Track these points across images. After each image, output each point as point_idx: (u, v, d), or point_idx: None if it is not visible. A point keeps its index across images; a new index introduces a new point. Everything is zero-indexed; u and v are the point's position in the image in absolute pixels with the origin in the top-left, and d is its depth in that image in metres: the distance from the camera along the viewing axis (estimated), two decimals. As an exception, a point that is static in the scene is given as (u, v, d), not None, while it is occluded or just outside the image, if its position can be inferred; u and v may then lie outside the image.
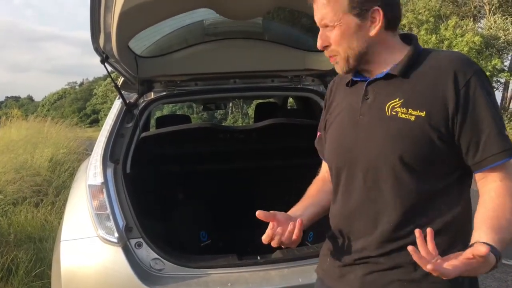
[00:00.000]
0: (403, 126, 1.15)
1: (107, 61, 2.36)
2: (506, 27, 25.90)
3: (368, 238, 1.23)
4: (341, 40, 1.19)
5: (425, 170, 1.17)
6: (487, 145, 1.12)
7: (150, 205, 2.78)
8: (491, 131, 1.12)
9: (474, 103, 1.12)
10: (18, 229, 4.20)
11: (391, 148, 1.17)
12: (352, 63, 1.22)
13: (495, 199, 1.13)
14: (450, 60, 1.17)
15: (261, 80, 3.16)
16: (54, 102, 70.06)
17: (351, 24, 1.18)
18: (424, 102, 1.15)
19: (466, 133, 1.13)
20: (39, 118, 11.09)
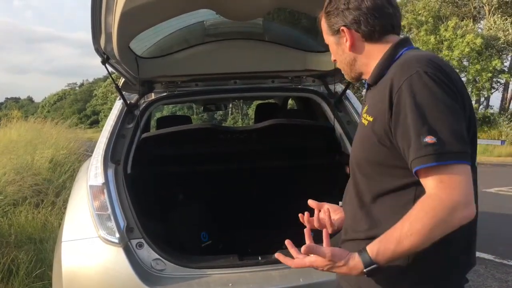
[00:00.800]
0: (362, 131, 1.30)
1: (108, 62, 2.36)
2: (506, 27, 25.94)
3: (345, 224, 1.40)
4: (334, 55, 1.41)
5: (374, 171, 1.25)
6: (410, 151, 1.12)
7: (151, 206, 2.78)
8: (415, 137, 1.10)
9: (402, 110, 1.13)
10: (19, 230, 4.20)
11: (356, 149, 1.33)
12: (349, 74, 1.41)
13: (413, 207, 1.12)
14: (396, 65, 1.22)
15: (262, 80, 3.17)
16: (54, 103, 70.11)
17: (333, 43, 1.38)
18: (375, 109, 1.23)
19: (399, 139, 1.15)
20: (39, 119, 11.07)
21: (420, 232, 1.06)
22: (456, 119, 1.12)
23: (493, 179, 11.93)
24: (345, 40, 1.32)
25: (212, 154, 3.29)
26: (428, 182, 1.10)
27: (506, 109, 29.07)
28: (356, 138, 1.36)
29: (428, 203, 1.08)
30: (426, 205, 1.08)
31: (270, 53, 3.00)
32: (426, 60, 1.17)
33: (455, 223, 1.07)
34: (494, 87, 29.32)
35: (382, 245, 1.11)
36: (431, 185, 1.09)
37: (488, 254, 4.82)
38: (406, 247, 1.08)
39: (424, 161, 1.08)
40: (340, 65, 1.40)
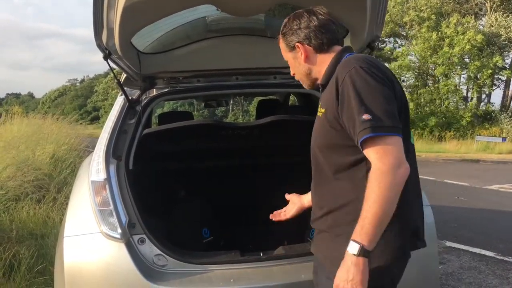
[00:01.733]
0: (318, 122, 1.61)
1: (110, 57, 2.36)
2: (508, 24, 25.85)
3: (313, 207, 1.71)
4: (293, 69, 1.73)
5: (330, 152, 1.54)
6: (354, 128, 1.40)
7: (152, 202, 2.78)
8: (357, 115, 1.39)
9: (347, 97, 1.43)
10: (20, 225, 4.21)
11: (313, 138, 1.63)
12: (306, 82, 1.72)
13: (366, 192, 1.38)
14: (340, 66, 1.53)
15: (264, 76, 3.16)
16: (55, 99, 70.11)
17: (291, 58, 1.70)
18: (326, 102, 1.55)
19: (345, 122, 1.44)
20: (40, 115, 11.06)
21: (378, 201, 1.33)
22: (387, 101, 1.42)
23: (494, 176, 11.93)
24: (300, 54, 1.64)
25: (213, 150, 3.29)
26: (369, 153, 1.39)
27: (507, 106, 29.01)
28: (314, 129, 1.64)
29: (374, 176, 1.36)
30: (373, 179, 1.36)
31: (272, 49, 2.96)
32: (361, 58, 1.50)
33: (398, 180, 1.35)
34: (495, 84, 29.26)
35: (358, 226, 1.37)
36: (371, 156, 1.39)
37: (489, 251, 4.83)
38: (376, 219, 1.34)
39: (362, 134, 1.37)
40: (298, 76, 1.72)
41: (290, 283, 2.15)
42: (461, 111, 26.28)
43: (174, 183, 3.43)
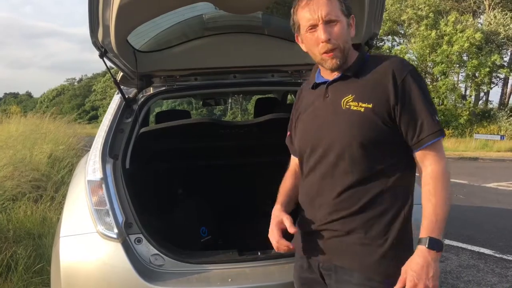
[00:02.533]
0: (356, 116, 1.45)
1: (106, 55, 2.34)
2: (506, 22, 25.87)
3: (326, 209, 1.52)
4: (341, 33, 1.47)
5: (374, 151, 1.45)
6: (423, 128, 1.42)
7: (149, 201, 2.76)
8: (426, 117, 1.41)
9: (410, 95, 1.42)
10: (17, 225, 4.19)
11: (346, 133, 1.46)
12: (344, 57, 1.49)
13: (424, 188, 1.42)
14: (390, 62, 1.47)
15: (261, 74, 3.14)
16: (53, 99, 70.02)
17: (345, 23, 1.48)
18: (371, 96, 1.45)
19: (405, 119, 1.42)
20: (38, 114, 11.03)
21: (447, 199, 1.40)
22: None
23: (492, 174, 11.94)
24: (351, 26, 1.51)
25: (211, 148, 3.27)
26: (428, 154, 1.43)
27: (505, 104, 29.05)
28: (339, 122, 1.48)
29: (435, 177, 1.41)
30: (435, 179, 1.41)
31: (270, 47, 2.97)
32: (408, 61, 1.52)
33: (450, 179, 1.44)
34: (494, 82, 29.31)
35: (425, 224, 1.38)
36: (431, 158, 1.43)
37: (488, 249, 4.82)
38: (446, 216, 1.39)
39: (435, 136, 1.41)
40: (344, 45, 1.48)
41: (288, 282, 2.13)
42: (459, 109, 26.32)
43: (172, 182, 3.41)
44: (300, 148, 1.63)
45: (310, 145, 1.57)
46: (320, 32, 1.44)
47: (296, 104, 1.74)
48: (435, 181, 1.40)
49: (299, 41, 1.59)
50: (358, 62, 1.52)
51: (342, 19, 1.46)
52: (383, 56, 1.55)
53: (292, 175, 1.79)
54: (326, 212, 1.52)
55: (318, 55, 1.50)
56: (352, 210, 1.47)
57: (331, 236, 1.52)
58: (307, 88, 1.69)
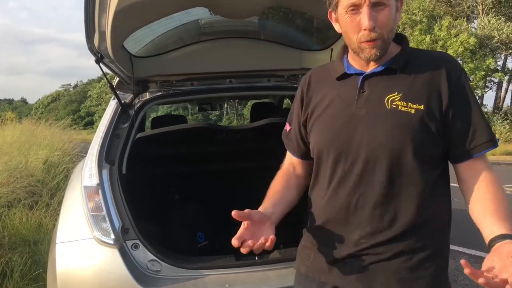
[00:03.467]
0: (405, 118, 1.21)
1: (102, 61, 2.34)
2: (500, 27, 26.08)
3: (366, 228, 1.26)
4: (388, 21, 1.20)
5: (425, 159, 1.24)
6: (477, 135, 1.23)
7: (146, 206, 2.75)
8: (480, 123, 1.24)
9: (464, 98, 1.24)
10: (13, 232, 4.16)
11: (394, 138, 1.21)
12: (387, 47, 1.24)
13: (488, 190, 1.21)
14: (443, 60, 1.27)
15: (257, 79, 3.15)
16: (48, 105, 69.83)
17: (394, 7, 1.22)
18: (422, 97, 1.22)
19: (458, 124, 1.23)
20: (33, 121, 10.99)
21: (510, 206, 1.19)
22: None
23: (488, 177, 11.96)
24: (398, 11, 1.24)
25: (208, 153, 3.26)
26: (480, 163, 1.25)
27: (500, 108, 29.22)
28: (388, 126, 1.22)
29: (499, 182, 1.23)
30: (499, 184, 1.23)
31: (266, 51, 2.98)
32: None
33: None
34: (488, 86, 29.48)
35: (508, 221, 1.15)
36: (484, 166, 1.25)
37: (485, 253, 4.77)
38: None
39: (490, 145, 1.24)
40: (388, 35, 1.22)
41: (286, 287, 2.13)
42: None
43: (168, 187, 3.40)
44: (319, 150, 1.34)
45: (337, 149, 1.28)
46: (364, 17, 1.17)
47: (304, 95, 1.43)
48: (500, 186, 1.23)
49: (332, 19, 1.31)
50: (404, 54, 1.28)
51: (392, 2, 1.20)
52: (429, 51, 1.38)
53: (285, 176, 1.53)
54: (365, 233, 1.26)
55: (355, 42, 1.22)
56: (398, 230, 1.24)
57: (371, 261, 1.26)
58: (323, 78, 1.40)
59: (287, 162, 1.59)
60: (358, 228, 1.27)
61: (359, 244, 1.27)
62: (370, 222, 1.25)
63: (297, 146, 1.50)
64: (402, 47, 1.29)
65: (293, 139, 1.51)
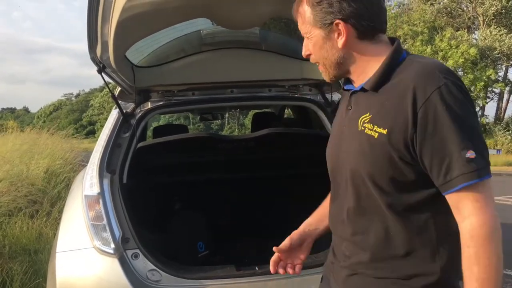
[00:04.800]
0: (367, 143, 1.15)
1: (104, 71, 2.35)
2: (502, 38, 26.19)
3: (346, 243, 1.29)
4: (315, 50, 1.24)
5: (391, 188, 1.15)
6: (451, 167, 1.05)
7: (147, 216, 2.75)
8: (456, 152, 1.04)
9: (435, 123, 1.05)
10: (13, 241, 4.15)
11: (359, 163, 1.18)
12: (332, 72, 1.25)
13: (464, 251, 1.08)
14: (415, 74, 1.10)
15: (259, 89, 3.16)
16: (50, 114, 70.02)
17: (319, 37, 1.21)
18: (388, 119, 1.11)
19: (427, 155, 1.07)
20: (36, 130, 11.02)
21: (494, 267, 1.04)
22: (479, 131, 1.09)
23: (489, 188, 11.92)
24: (338, 35, 1.18)
25: (209, 163, 3.27)
26: (464, 203, 1.07)
27: (501, 118, 29.23)
28: (357, 150, 1.18)
29: (479, 236, 1.05)
30: (478, 241, 1.05)
31: (267, 62, 3.00)
32: (447, 69, 1.11)
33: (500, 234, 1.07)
34: (489, 97, 29.53)
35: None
36: (468, 209, 1.06)
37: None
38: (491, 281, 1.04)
39: (466, 179, 1.04)
40: (324, 61, 1.23)
41: (287, 298, 2.13)
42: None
43: (169, 197, 3.40)
44: (327, 165, 1.37)
45: (331, 166, 1.33)
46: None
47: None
48: (477, 242, 1.04)
49: None
50: (380, 71, 1.17)
51: (314, 33, 1.20)
52: (415, 62, 1.15)
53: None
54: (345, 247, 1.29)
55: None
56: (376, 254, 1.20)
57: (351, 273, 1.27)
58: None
59: None
60: (344, 241, 1.30)
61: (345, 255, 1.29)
62: (347, 237, 1.27)
63: None
64: (383, 62, 1.17)
65: None
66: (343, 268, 1.30)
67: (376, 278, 1.20)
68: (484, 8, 27.46)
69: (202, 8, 2.22)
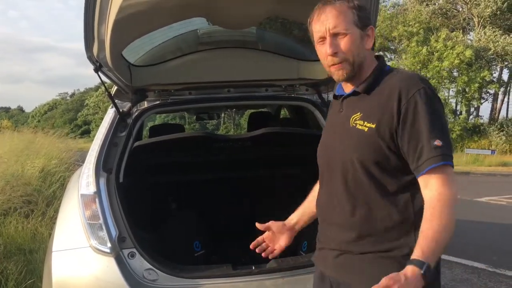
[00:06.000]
0: (359, 136, 1.40)
1: (101, 70, 2.35)
2: (496, 39, 26.32)
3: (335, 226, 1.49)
4: (351, 46, 1.41)
5: (378, 172, 1.39)
6: (423, 152, 1.32)
7: (143, 215, 2.75)
8: (426, 140, 1.32)
9: (414, 117, 1.33)
10: (8, 240, 4.13)
11: (352, 153, 1.42)
12: (351, 69, 1.44)
13: (427, 210, 1.30)
14: (400, 80, 1.40)
15: (255, 89, 3.16)
16: (45, 113, 69.72)
17: (357, 35, 1.42)
18: (376, 116, 1.38)
19: (405, 143, 1.34)
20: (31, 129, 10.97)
21: (447, 224, 1.27)
22: (447, 129, 1.38)
23: (483, 188, 12.01)
24: (367, 38, 1.44)
25: (205, 162, 3.27)
26: (432, 180, 1.31)
27: (495, 119, 29.38)
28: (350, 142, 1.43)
29: (442, 200, 1.29)
30: (441, 203, 1.29)
31: (264, 61, 3.00)
32: (425, 79, 1.41)
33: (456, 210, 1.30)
34: (484, 98, 29.67)
35: (424, 245, 1.25)
36: (436, 184, 1.31)
37: (481, 264, 4.83)
38: (442, 242, 1.26)
39: (433, 161, 1.30)
40: (353, 58, 1.42)
41: (283, 297, 2.13)
42: (450, 124, 26.56)
43: (165, 196, 3.40)
44: (318, 161, 1.60)
45: (324, 160, 1.55)
46: (327, 46, 1.42)
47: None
48: (443, 204, 1.29)
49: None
50: (372, 77, 1.45)
51: (353, 31, 1.41)
52: (400, 72, 1.46)
53: (316, 186, 1.73)
54: (335, 232, 1.49)
55: (327, 67, 1.47)
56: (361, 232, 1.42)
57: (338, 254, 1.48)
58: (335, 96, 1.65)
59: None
60: (331, 227, 1.51)
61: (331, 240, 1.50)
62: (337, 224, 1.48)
63: None
64: (372, 70, 1.46)
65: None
66: (330, 250, 1.50)
67: (361, 253, 1.42)
68: (479, 9, 27.59)
69: (199, 7, 2.22)
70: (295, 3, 2.18)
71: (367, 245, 1.41)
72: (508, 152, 24.54)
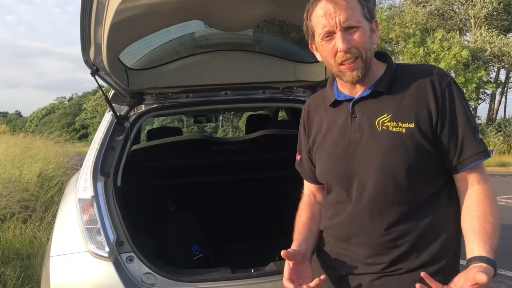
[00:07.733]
0: (397, 139, 1.25)
1: (98, 73, 2.34)
2: (492, 40, 26.39)
3: (371, 247, 1.30)
4: (364, 41, 1.25)
5: (422, 175, 1.26)
6: (465, 148, 1.24)
7: (141, 219, 2.74)
8: (468, 134, 1.24)
9: (452, 109, 1.25)
10: (6, 245, 4.12)
11: (389, 160, 1.25)
12: (365, 67, 1.28)
13: (477, 205, 1.23)
14: (428, 72, 1.29)
15: (253, 91, 3.16)
16: (42, 118, 69.62)
17: (368, 28, 1.28)
18: (411, 115, 1.25)
19: (446, 136, 1.25)
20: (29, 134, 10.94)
21: (498, 221, 1.20)
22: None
23: (482, 188, 11.99)
24: (374, 32, 1.31)
25: (203, 165, 3.26)
26: (473, 175, 1.26)
27: (493, 119, 29.43)
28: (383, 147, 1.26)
29: (490, 196, 1.23)
30: (490, 199, 1.23)
31: (261, 64, 3.00)
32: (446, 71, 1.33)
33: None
34: (481, 98, 29.73)
35: (489, 242, 1.16)
36: (476, 179, 1.26)
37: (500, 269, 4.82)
38: (499, 237, 1.19)
39: (481, 156, 1.24)
40: (366, 53, 1.26)
41: (282, 300, 2.12)
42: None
43: (164, 200, 3.39)
44: (327, 177, 1.40)
45: (342, 174, 1.34)
46: (338, 41, 1.23)
47: (305, 124, 1.50)
48: (491, 200, 1.22)
49: (313, 49, 1.37)
50: (388, 74, 1.31)
51: (364, 24, 1.25)
52: (414, 66, 1.37)
53: (308, 206, 1.54)
54: (371, 252, 1.31)
55: (335, 67, 1.28)
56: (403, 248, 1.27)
57: (376, 278, 1.31)
58: (319, 105, 1.45)
59: (307, 191, 1.60)
60: (363, 249, 1.32)
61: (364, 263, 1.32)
62: (373, 243, 1.30)
63: (311, 173, 1.52)
64: (387, 67, 1.33)
65: (306, 167, 1.53)
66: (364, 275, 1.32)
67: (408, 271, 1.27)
68: (475, 10, 27.67)
69: (196, 10, 2.21)
70: (292, 5, 2.18)
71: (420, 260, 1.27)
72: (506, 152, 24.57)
